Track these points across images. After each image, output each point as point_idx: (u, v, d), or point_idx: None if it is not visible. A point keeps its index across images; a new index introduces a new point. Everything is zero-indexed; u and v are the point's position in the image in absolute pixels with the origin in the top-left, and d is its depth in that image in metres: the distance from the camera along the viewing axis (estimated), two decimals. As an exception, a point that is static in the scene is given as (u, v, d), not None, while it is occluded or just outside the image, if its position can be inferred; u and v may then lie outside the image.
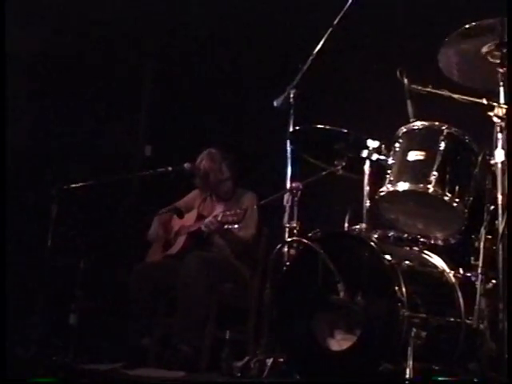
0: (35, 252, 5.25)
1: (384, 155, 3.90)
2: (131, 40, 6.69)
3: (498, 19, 3.56)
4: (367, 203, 3.92)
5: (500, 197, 3.43)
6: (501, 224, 3.39)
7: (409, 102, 3.97)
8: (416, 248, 3.88)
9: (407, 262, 3.60)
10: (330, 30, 4.30)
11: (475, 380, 3.33)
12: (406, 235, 3.92)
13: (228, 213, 4.83)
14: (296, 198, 4.24)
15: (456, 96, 3.68)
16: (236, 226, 4.88)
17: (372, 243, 3.61)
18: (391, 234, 3.92)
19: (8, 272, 4.26)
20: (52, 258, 5.01)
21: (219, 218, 4.85)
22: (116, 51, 6.68)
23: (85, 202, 5.97)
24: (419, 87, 3.85)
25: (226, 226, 4.91)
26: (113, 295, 5.77)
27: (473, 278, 3.60)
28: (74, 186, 5.22)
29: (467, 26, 3.64)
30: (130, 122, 6.94)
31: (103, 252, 6.13)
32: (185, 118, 6.83)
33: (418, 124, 3.86)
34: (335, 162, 4.22)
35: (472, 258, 3.66)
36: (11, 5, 4.86)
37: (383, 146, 3.93)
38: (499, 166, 3.47)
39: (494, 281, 3.48)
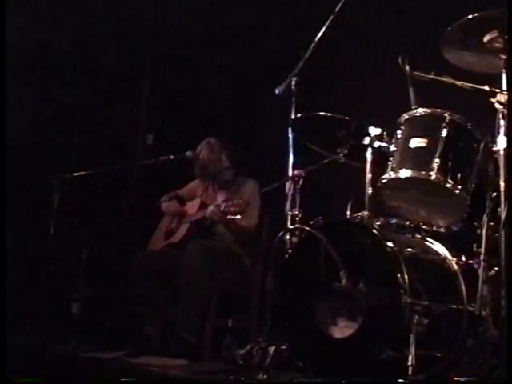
0: (37, 241, 5.26)
1: (386, 142, 3.90)
2: (132, 29, 6.68)
3: (500, 10, 3.54)
4: (369, 190, 3.92)
5: (502, 184, 3.42)
6: (503, 211, 3.38)
7: (411, 89, 3.95)
8: (418, 235, 3.89)
9: (409, 249, 3.61)
10: (332, 17, 4.29)
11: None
12: (408, 222, 3.92)
13: (230, 203, 4.82)
14: (298, 186, 4.23)
15: (458, 83, 3.67)
16: (239, 216, 4.88)
17: (374, 230, 3.61)
18: (393, 221, 3.91)
19: (10, 262, 4.26)
20: (54, 248, 5.02)
21: (222, 209, 4.84)
22: (117, 40, 6.66)
23: (87, 191, 5.98)
24: (421, 74, 3.83)
25: (228, 217, 4.91)
26: (115, 284, 5.77)
27: (475, 265, 3.58)
28: (75, 175, 5.23)
29: (470, 17, 3.62)
30: (132, 111, 6.93)
31: (105, 241, 6.15)
32: (186, 106, 6.82)
33: (420, 111, 3.85)
34: (337, 150, 4.21)
35: (474, 245, 3.65)
36: (11, 1, 4.86)
37: (385, 133, 3.93)
38: (501, 152, 3.46)
39: (496, 268, 3.47)
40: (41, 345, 4.63)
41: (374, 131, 3.92)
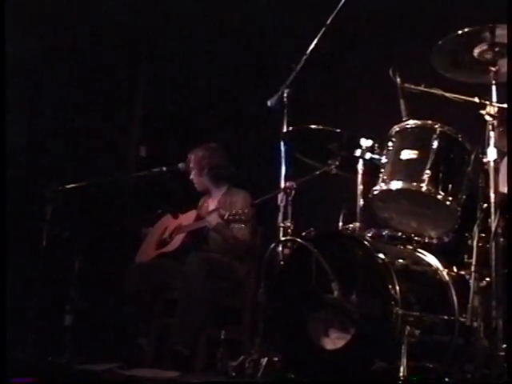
0: (30, 253, 5.26)
1: (377, 154, 3.91)
2: (125, 41, 6.69)
3: (488, 25, 3.57)
4: (361, 202, 3.94)
5: (493, 195, 3.44)
6: (493, 222, 3.40)
7: (402, 101, 3.97)
8: (410, 246, 3.89)
9: (401, 261, 3.62)
10: (324, 29, 4.31)
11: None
12: (399, 234, 3.94)
13: (234, 211, 4.77)
14: (290, 198, 4.24)
15: (448, 95, 3.69)
16: (242, 225, 4.90)
17: (366, 242, 3.62)
18: (385, 232, 3.93)
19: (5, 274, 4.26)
20: (47, 260, 5.02)
21: (226, 217, 4.77)
22: (110, 53, 6.68)
23: (80, 202, 5.98)
24: (412, 86, 3.86)
25: (231, 226, 4.92)
26: (108, 296, 5.76)
27: (466, 276, 3.61)
28: (68, 186, 5.23)
29: (460, 33, 3.65)
30: (125, 123, 6.94)
31: (98, 253, 6.14)
32: (179, 118, 6.83)
33: (411, 123, 3.87)
34: (329, 162, 4.23)
35: (465, 256, 3.67)
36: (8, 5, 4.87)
37: (376, 145, 3.94)
38: (492, 164, 3.48)
39: (487, 279, 3.48)
40: (33, 357, 4.63)
41: (366, 143, 3.93)
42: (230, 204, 5.23)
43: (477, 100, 3.57)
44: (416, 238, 3.91)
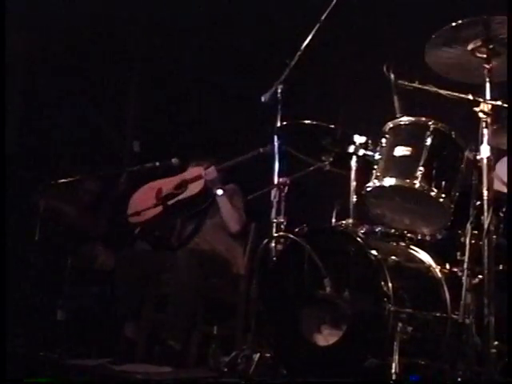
0: (22, 248, 5.25)
1: (371, 151, 3.90)
2: (119, 37, 6.68)
3: (483, 17, 3.56)
4: (354, 198, 3.93)
5: (485, 192, 3.45)
6: (486, 219, 3.40)
7: (395, 98, 3.97)
8: (403, 243, 3.89)
9: (393, 257, 3.62)
10: (318, 25, 4.30)
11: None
12: (392, 230, 3.93)
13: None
14: (283, 194, 4.24)
15: (442, 91, 3.69)
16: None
17: (358, 238, 3.62)
18: (378, 229, 3.92)
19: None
20: (39, 254, 5.01)
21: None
22: (103, 48, 6.66)
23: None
24: (406, 83, 3.85)
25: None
26: (101, 291, 5.75)
27: (459, 273, 3.62)
28: (61, 181, 5.21)
29: (454, 25, 3.64)
30: (118, 118, 6.93)
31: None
32: (172, 113, 6.82)
33: (405, 119, 3.86)
34: (322, 158, 4.22)
35: (458, 253, 3.67)
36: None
37: (370, 141, 3.93)
38: (485, 161, 3.48)
39: (479, 276, 3.49)
40: (25, 351, 4.62)
41: (359, 139, 3.93)
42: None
43: (471, 97, 3.57)
44: (409, 235, 3.91)
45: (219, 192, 5.13)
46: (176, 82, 6.79)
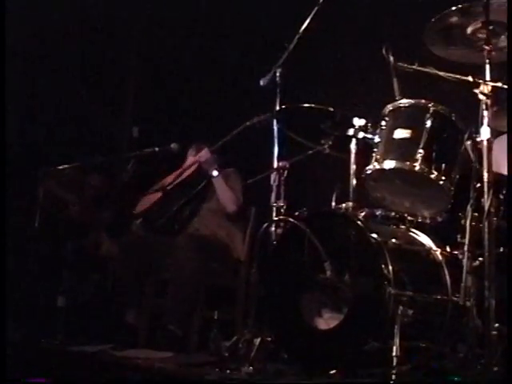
0: (22, 235, 5.24)
1: (370, 133, 3.89)
2: (118, 25, 6.66)
3: (483, 1, 3.54)
4: (354, 182, 3.92)
5: (486, 174, 3.43)
6: (487, 202, 3.39)
7: (395, 80, 3.95)
8: (403, 226, 3.89)
9: (394, 240, 3.61)
10: (316, 8, 4.28)
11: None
12: (392, 213, 3.92)
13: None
14: (283, 177, 4.23)
15: (442, 73, 3.67)
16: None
17: (358, 222, 3.62)
18: (378, 212, 3.91)
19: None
20: (39, 241, 5.00)
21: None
22: (102, 36, 6.64)
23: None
24: (405, 65, 3.83)
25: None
26: (101, 277, 5.76)
27: (459, 256, 3.61)
28: (60, 167, 5.20)
29: (453, 8, 3.62)
30: (117, 104, 6.91)
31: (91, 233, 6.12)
32: (171, 99, 6.80)
33: (404, 102, 3.84)
34: (322, 141, 4.22)
35: (458, 236, 3.66)
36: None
37: (369, 124, 3.92)
38: (485, 143, 3.46)
39: (480, 258, 3.49)
40: (26, 339, 4.62)
41: (359, 122, 3.92)
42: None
43: (470, 79, 3.55)
44: (409, 218, 3.90)
45: (214, 173, 5.16)
46: (175, 67, 6.77)
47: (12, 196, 5.74)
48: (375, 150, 3.82)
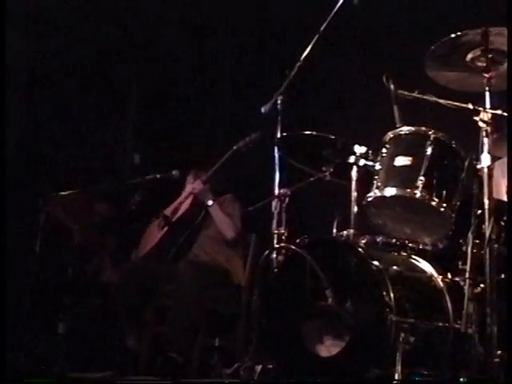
0: (23, 260, 5.24)
1: (371, 161, 3.91)
2: (118, 50, 6.69)
3: (482, 29, 3.57)
4: (355, 209, 3.93)
5: (487, 201, 3.44)
6: (488, 228, 3.39)
7: (395, 108, 3.97)
8: (404, 253, 3.89)
9: (395, 267, 3.61)
10: (317, 36, 4.30)
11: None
12: (393, 240, 3.93)
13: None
14: (284, 204, 4.23)
15: (442, 101, 3.69)
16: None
17: (360, 249, 3.62)
18: (379, 239, 3.92)
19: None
20: (40, 267, 5.00)
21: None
22: (103, 62, 6.67)
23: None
24: (405, 93, 3.86)
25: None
26: (102, 303, 5.74)
27: (461, 283, 3.60)
28: (62, 194, 5.22)
29: (453, 36, 3.65)
30: (119, 131, 6.93)
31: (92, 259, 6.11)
32: (173, 126, 6.82)
33: (405, 129, 3.86)
34: (323, 168, 4.23)
35: (460, 263, 3.67)
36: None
37: (370, 151, 3.94)
38: (485, 170, 3.48)
39: (481, 285, 3.48)
40: (27, 365, 4.61)
41: (360, 149, 3.93)
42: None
43: (470, 106, 3.57)
44: (410, 245, 3.90)
45: (209, 202, 5.18)
46: (177, 94, 6.80)
47: (13, 220, 5.76)
48: (376, 177, 3.83)
